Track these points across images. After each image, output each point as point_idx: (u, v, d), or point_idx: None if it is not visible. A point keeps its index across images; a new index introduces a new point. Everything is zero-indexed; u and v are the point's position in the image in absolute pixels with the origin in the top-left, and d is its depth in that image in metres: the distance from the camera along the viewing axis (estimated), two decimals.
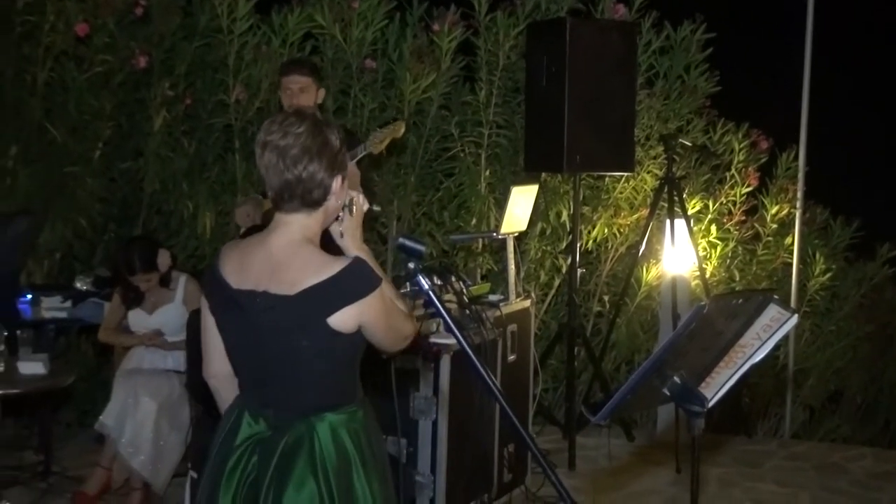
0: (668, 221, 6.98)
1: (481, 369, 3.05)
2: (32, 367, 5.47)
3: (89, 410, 7.10)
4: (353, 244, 3.16)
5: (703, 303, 3.09)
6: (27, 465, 6.41)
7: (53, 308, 6.74)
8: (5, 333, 5.47)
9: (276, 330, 3.01)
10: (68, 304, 6.76)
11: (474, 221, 7.50)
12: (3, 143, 7.04)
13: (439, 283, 5.16)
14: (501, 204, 6.52)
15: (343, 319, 2.97)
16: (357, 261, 3.03)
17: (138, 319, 6.21)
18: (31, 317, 6.63)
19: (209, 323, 3.19)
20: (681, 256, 7.12)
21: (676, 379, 3.20)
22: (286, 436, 3.04)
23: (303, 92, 5.62)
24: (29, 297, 6.73)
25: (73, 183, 7.14)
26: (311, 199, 3.04)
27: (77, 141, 7.15)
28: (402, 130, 5.50)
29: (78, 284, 6.90)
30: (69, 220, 7.12)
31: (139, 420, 5.81)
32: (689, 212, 7.35)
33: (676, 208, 6.93)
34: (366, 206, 3.22)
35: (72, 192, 7.13)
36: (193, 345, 5.66)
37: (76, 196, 7.14)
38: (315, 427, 3.05)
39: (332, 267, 2.97)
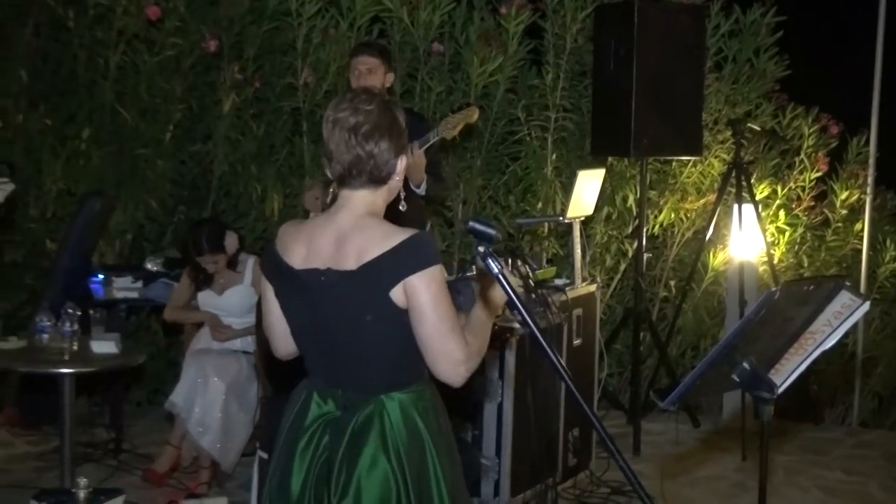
0: (735, 206, 6.93)
1: (551, 353, 3.04)
2: (104, 346, 5.55)
3: (159, 389, 7.22)
4: None
5: (773, 289, 3.07)
6: (99, 443, 6.53)
7: (124, 288, 6.83)
8: (78, 313, 5.55)
9: (341, 306, 3.02)
10: (139, 284, 6.85)
11: (540, 205, 7.50)
12: (77, 125, 7.16)
13: (506, 266, 5.16)
14: (568, 188, 6.51)
15: (401, 294, 2.95)
16: (423, 233, 3.03)
17: (208, 300, 6.28)
18: (103, 297, 6.74)
19: (272, 306, 3.20)
20: (748, 242, 7.06)
21: (746, 365, 3.19)
22: (356, 415, 3.05)
23: (371, 73, 5.64)
24: (101, 277, 6.83)
25: (143, 165, 7.23)
26: (378, 175, 3.05)
27: (148, 123, 7.25)
28: (476, 116, 5.49)
29: (148, 265, 6.98)
30: (140, 202, 7.22)
31: (208, 400, 5.88)
32: (758, 197, 7.29)
33: (744, 193, 6.87)
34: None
35: (143, 173, 7.23)
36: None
37: (147, 178, 7.24)
38: (385, 405, 3.05)
39: (395, 237, 2.97)
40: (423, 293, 2.94)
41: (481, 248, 3.00)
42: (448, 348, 2.98)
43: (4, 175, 4.39)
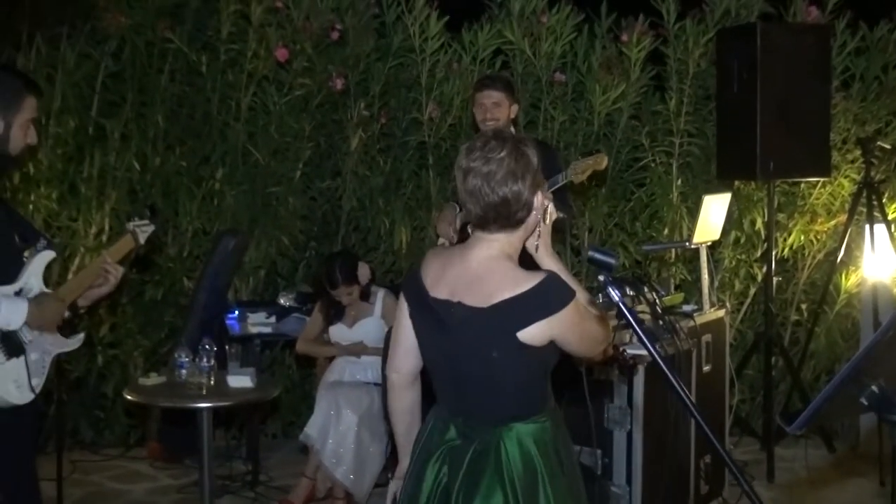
0: (867, 227, 6.79)
1: (674, 381, 3.04)
2: (240, 380, 5.66)
3: (294, 422, 7.34)
4: (546, 253, 3.22)
5: None
6: (237, 475, 6.65)
7: (259, 323, 6.97)
8: (215, 349, 5.68)
9: (469, 340, 3.09)
10: (272, 319, 6.98)
11: (667, 231, 7.45)
12: (211, 166, 7.36)
13: (632, 293, 5.13)
14: (694, 213, 6.46)
15: (533, 334, 3.02)
16: (552, 276, 3.07)
17: (339, 333, 6.38)
18: (238, 332, 6.88)
19: (405, 322, 3.28)
20: (882, 262, 6.91)
21: (874, 388, 3.11)
22: (474, 444, 3.12)
23: (497, 107, 5.67)
24: (236, 313, 6.99)
25: (275, 203, 7.39)
26: (515, 218, 3.10)
27: (279, 162, 7.41)
28: (605, 163, 5.49)
29: (281, 300, 7.11)
30: (272, 239, 7.37)
31: (341, 432, 5.97)
32: (890, 216, 7.13)
33: (876, 213, 6.74)
34: (556, 215, 3.26)
35: (275, 211, 7.39)
36: None
37: (279, 215, 7.39)
38: (503, 437, 3.11)
39: (528, 282, 3.03)
40: (567, 331, 3.08)
41: (601, 278, 3.03)
42: (598, 339, 3.22)
43: (145, 217, 4.56)
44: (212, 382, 5.58)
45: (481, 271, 3.10)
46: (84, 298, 4.26)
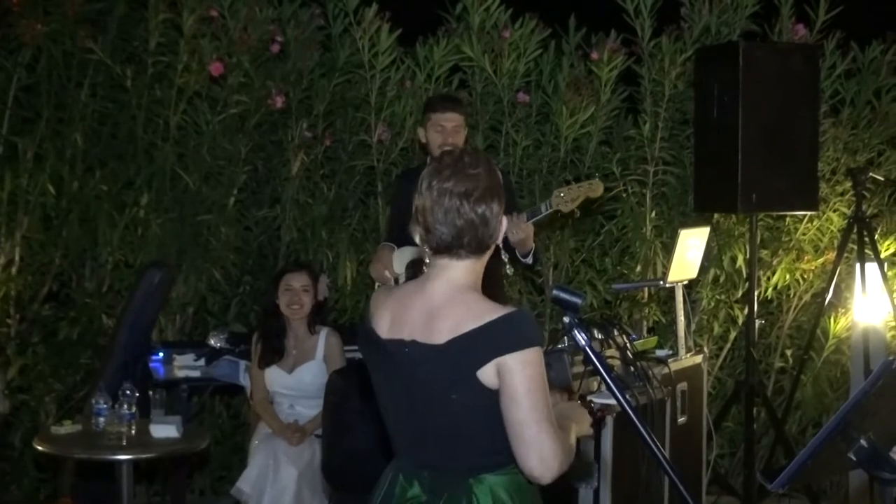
0: (858, 266, 6.87)
1: (645, 434, 3.07)
2: (165, 430, 5.64)
3: (224, 476, 7.30)
4: None
5: (891, 357, 3.06)
6: None
7: (186, 367, 6.91)
8: (137, 394, 5.66)
9: (426, 383, 3.08)
10: (202, 362, 6.93)
11: (639, 268, 7.50)
12: (135, 191, 7.30)
13: (600, 337, 5.20)
14: (669, 249, 6.52)
15: (490, 374, 2.99)
16: (523, 311, 3.09)
17: (276, 378, 6.35)
18: (163, 376, 6.81)
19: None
20: (873, 305, 7.00)
21: (863, 442, 3.16)
22: (442, 499, 3.11)
23: (457, 131, 5.72)
24: (161, 355, 6.94)
25: (206, 232, 7.36)
26: (486, 241, 3.13)
27: (211, 188, 7.39)
28: (601, 190, 5.52)
29: (212, 341, 7.05)
30: (203, 272, 7.34)
31: (279, 488, 5.94)
32: (883, 254, 7.23)
33: (867, 251, 6.83)
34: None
35: (205, 242, 7.36)
36: (332, 414, 5.78)
37: (210, 246, 7.36)
38: (473, 490, 3.10)
39: (490, 314, 3.01)
40: (517, 375, 2.97)
41: (567, 319, 3.07)
42: (540, 439, 2.98)
43: None
44: (133, 432, 5.56)
45: (441, 303, 3.09)
46: None
